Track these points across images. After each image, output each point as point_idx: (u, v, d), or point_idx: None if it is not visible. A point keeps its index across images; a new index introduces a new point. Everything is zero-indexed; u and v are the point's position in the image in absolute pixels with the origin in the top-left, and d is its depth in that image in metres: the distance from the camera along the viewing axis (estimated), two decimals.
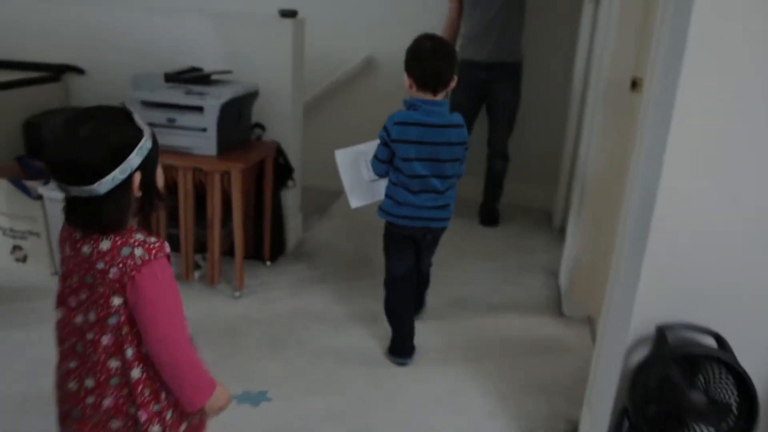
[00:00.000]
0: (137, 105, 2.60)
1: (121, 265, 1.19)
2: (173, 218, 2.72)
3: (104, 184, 1.15)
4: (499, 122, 3.71)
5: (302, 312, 2.67)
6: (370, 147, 2.26)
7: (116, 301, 1.20)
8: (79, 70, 3.24)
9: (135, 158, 1.18)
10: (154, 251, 1.21)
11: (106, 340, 1.23)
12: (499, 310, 2.80)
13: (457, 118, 2.21)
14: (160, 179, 1.28)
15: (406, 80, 2.19)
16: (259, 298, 2.76)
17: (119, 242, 1.20)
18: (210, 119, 2.54)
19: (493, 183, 3.83)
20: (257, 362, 2.31)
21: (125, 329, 1.22)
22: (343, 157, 2.30)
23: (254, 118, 2.98)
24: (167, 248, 1.25)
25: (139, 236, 1.22)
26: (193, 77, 2.69)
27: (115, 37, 3.14)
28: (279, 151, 2.99)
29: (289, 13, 2.95)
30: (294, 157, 3.11)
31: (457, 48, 3.68)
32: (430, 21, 3.65)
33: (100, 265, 1.19)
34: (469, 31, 3.59)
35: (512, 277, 3.12)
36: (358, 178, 2.29)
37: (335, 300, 2.79)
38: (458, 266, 3.21)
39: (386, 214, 2.27)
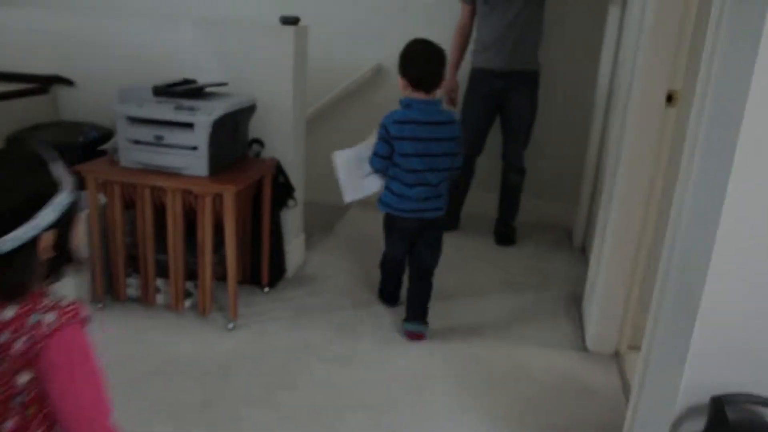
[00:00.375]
0: (123, 121, 2.40)
1: (28, 335, 0.99)
2: (161, 243, 2.51)
3: (4, 244, 0.96)
4: (515, 134, 3.47)
5: (301, 346, 2.44)
6: (367, 147, 2.44)
7: (23, 378, 1.01)
8: (68, 82, 3.05)
9: (46, 215, 0.99)
10: (67, 316, 1.02)
11: (11, 424, 1.03)
12: (515, 342, 2.56)
13: (449, 114, 2.44)
14: (76, 239, 1.08)
15: (400, 81, 2.39)
16: (255, 329, 2.53)
17: (25, 309, 1.01)
18: (201, 137, 2.33)
19: (509, 198, 3.59)
20: (248, 408, 2.08)
21: (32, 409, 1.02)
22: (341, 158, 2.46)
23: (252, 134, 2.77)
24: (84, 312, 1.05)
25: (49, 300, 1.03)
26: (185, 90, 2.48)
27: (106, 46, 2.94)
28: (279, 169, 2.78)
29: (290, 20, 2.74)
30: (295, 175, 2.89)
31: (468, 55, 3.47)
32: (441, 26, 3.43)
33: (4, 337, 1.00)
34: (484, 37, 3.36)
35: (530, 305, 2.87)
36: (353, 175, 2.48)
37: (338, 332, 2.56)
38: (471, 291, 2.97)
39: (386, 206, 2.48)
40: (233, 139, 2.54)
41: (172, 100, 2.41)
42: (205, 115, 2.32)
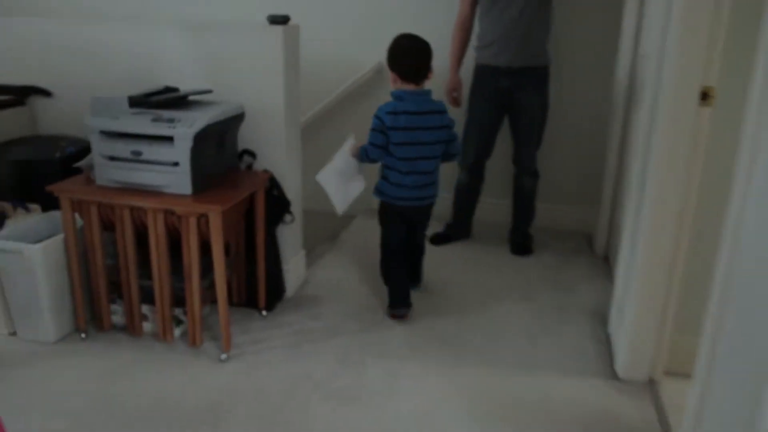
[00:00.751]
0: (97, 135, 2.18)
1: None
2: (145, 267, 2.29)
3: None
4: (526, 135, 3.22)
5: (300, 379, 2.21)
6: (341, 156, 2.55)
7: None
8: (45, 93, 2.84)
9: None
10: None
11: None
12: (536, 369, 2.31)
13: (440, 104, 2.51)
14: None
15: (390, 75, 2.50)
16: (250, 361, 2.30)
17: None
18: (182, 151, 2.10)
19: (523, 204, 3.35)
20: None
21: None
22: (325, 176, 2.52)
23: (242, 144, 2.55)
24: None
25: None
26: (164, 100, 2.26)
27: (84, 54, 2.73)
28: (272, 182, 2.55)
29: (279, 20, 2.50)
30: (292, 186, 2.66)
31: (471, 50, 3.22)
32: (442, 21, 3.22)
33: None
34: (487, 32, 3.10)
35: (551, 324, 2.62)
36: (339, 188, 2.55)
37: (342, 361, 2.33)
38: (485, 308, 2.73)
39: (381, 194, 2.58)
40: (219, 152, 2.32)
41: (150, 111, 2.18)
42: (185, 127, 2.09)
